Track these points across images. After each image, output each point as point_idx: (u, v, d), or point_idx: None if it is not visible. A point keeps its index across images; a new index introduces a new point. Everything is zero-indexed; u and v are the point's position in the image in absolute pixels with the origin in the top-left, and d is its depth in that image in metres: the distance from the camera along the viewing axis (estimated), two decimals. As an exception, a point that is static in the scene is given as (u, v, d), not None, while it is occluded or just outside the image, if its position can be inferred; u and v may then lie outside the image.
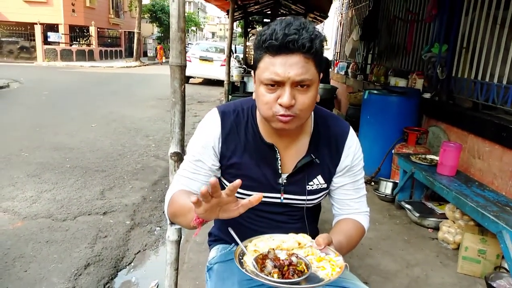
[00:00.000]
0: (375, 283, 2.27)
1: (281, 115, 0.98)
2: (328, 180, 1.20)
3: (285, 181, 1.15)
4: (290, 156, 1.15)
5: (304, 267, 0.91)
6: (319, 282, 0.90)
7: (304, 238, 1.01)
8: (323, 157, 1.17)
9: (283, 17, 1.02)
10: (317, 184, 1.17)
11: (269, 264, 0.90)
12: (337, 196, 1.24)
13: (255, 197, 0.83)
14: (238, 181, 0.80)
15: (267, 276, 0.88)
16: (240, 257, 0.95)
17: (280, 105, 0.97)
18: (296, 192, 1.16)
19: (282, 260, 0.91)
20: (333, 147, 1.18)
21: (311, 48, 0.95)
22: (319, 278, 0.91)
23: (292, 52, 0.94)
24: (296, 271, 0.89)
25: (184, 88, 1.36)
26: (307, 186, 1.16)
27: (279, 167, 1.14)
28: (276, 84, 0.97)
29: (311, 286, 0.89)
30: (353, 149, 1.19)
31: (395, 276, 2.36)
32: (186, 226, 1.03)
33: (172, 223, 1.13)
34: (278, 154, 1.13)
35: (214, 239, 1.38)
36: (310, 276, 0.90)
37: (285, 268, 0.89)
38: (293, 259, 0.92)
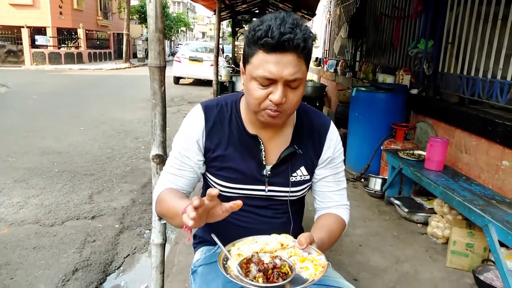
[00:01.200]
0: (365, 280, 2.28)
1: (270, 110, 1.02)
2: (311, 171, 1.22)
3: (269, 172, 1.17)
4: (274, 148, 1.17)
5: (288, 269, 0.93)
6: (303, 283, 0.91)
7: (286, 238, 1.03)
8: (306, 148, 1.19)
9: (276, 11, 1.03)
10: (300, 176, 1.20)
11: (253, 268, 0.92)
12: (318, 189, 1.26)
13: (236, 203, 0.87)
14: (216, 191, 0.83)
15: (252, 281, 0.89)
16: (224, 262, 0.96)
17: (271, 101, 1.00)
18: (280, 183, 1.18)
19: (266, 264, 0.93)
20: (315, 139, 1.21)
21: (305, 48, 0.97)
22: (303, 279, 0.93)
23: (286, 51, 0.96)
24: (281, 274, 0.91)
25: (164, 89, 1.35)
26: (290, 178, 1.18)
27: (263, 159, 1.16)
28: (268, 81, 0.99)
29: None
30: (334, 141, 1.23)
31: (385, 272, 2.37)
32: (176, 226, 1.06)
33: (160, 218, 1.16)
34: (262, 145, 1.16)
35: (199, 241, 1.38)
36: (294, 278, 0.91)
37: (270, 271, 0.91)
38: (277, 261, 0.94)
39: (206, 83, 13.35)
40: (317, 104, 6.80)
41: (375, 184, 3.54)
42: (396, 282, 2.27)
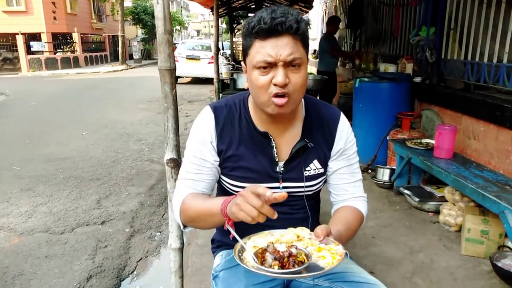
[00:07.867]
0: (381, 272, 2.26)
1: (277, 95, 1.02)
2: (324, 164, 1.21)
3: (282, 169, 1.17)
4: (285, 144, 1.17)
5: (304, 257, 0.92)
6: (320, 270, 0.90)
7: (302, 231, 1.02)
8: (317, 141, 1.19)
9: (267, 6, 1.05)
10: (314, 169, 1.19)
11: (269, 257, 0.91)
12: (333, 182, 1.25)
13: (280, 194, 0.87)
14: (285, 195, 0.87)
15: (268, 268, 0.88)
16: (240, 254, 0.96)
17: (275, 84, 1.01)
18: (295, 179, 1.18)
19: (282, 252, 0.92)
20: (326, 131, 1.21)
21: (298, 29, 1.00)
22: (320, 267, 0.92)
23: (281, 34, 0.99)
24: (297, 262, 0.90)
25: (176, 91, 1.32)
26: (304, 172, 1.18)
27: (275, 155, 1.16)
28: (269, 66, 1.01)
29: (312, 274, 0.90)
30: (345, 132, 1.22)
31: (400, 263, 2.36)
32: (208, 228, 1.10)
33: (185, 226, 1.17)
34: (273, 142, 1.16)
35: (217, 245, 1.36)
36: (311, 265, 0.91)
37: (285, 259, 0.90)
38: (293, 250, 0.93)
39: (204, 81, 13.31)
40: (318, 98, 6.77)
41: (383, 174, 3.52)
42: (413, 272, 2.26)
